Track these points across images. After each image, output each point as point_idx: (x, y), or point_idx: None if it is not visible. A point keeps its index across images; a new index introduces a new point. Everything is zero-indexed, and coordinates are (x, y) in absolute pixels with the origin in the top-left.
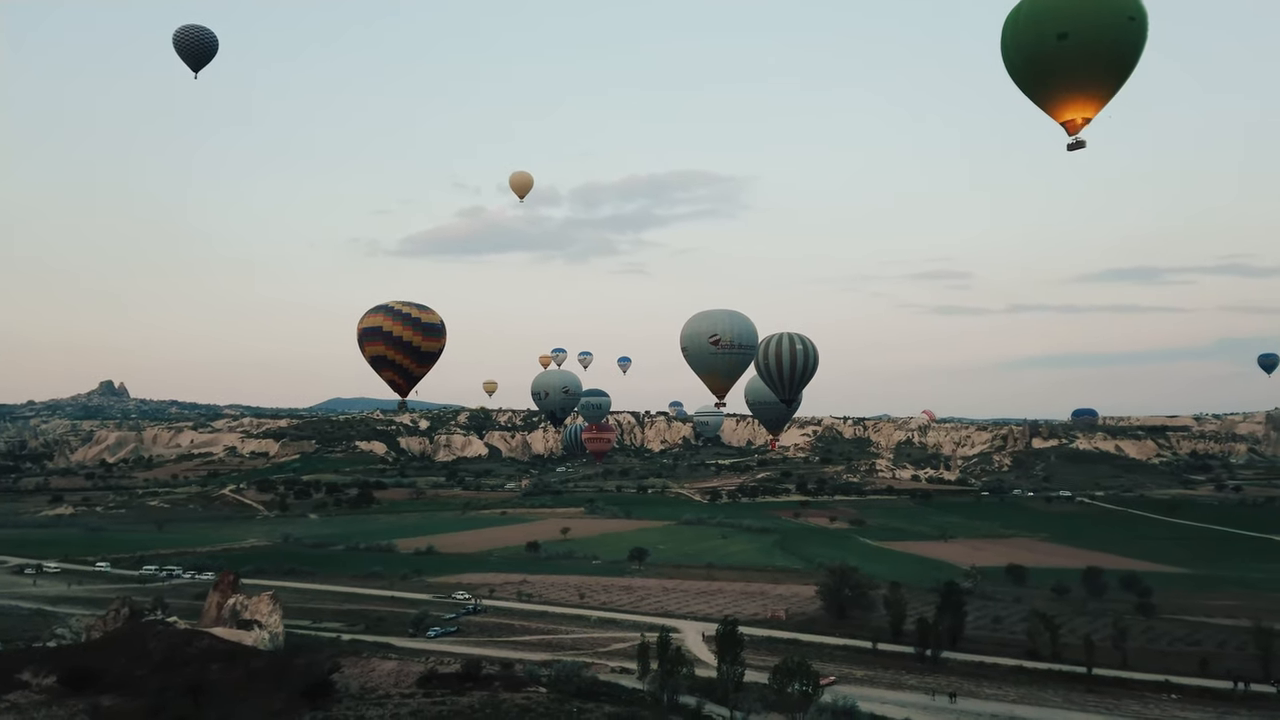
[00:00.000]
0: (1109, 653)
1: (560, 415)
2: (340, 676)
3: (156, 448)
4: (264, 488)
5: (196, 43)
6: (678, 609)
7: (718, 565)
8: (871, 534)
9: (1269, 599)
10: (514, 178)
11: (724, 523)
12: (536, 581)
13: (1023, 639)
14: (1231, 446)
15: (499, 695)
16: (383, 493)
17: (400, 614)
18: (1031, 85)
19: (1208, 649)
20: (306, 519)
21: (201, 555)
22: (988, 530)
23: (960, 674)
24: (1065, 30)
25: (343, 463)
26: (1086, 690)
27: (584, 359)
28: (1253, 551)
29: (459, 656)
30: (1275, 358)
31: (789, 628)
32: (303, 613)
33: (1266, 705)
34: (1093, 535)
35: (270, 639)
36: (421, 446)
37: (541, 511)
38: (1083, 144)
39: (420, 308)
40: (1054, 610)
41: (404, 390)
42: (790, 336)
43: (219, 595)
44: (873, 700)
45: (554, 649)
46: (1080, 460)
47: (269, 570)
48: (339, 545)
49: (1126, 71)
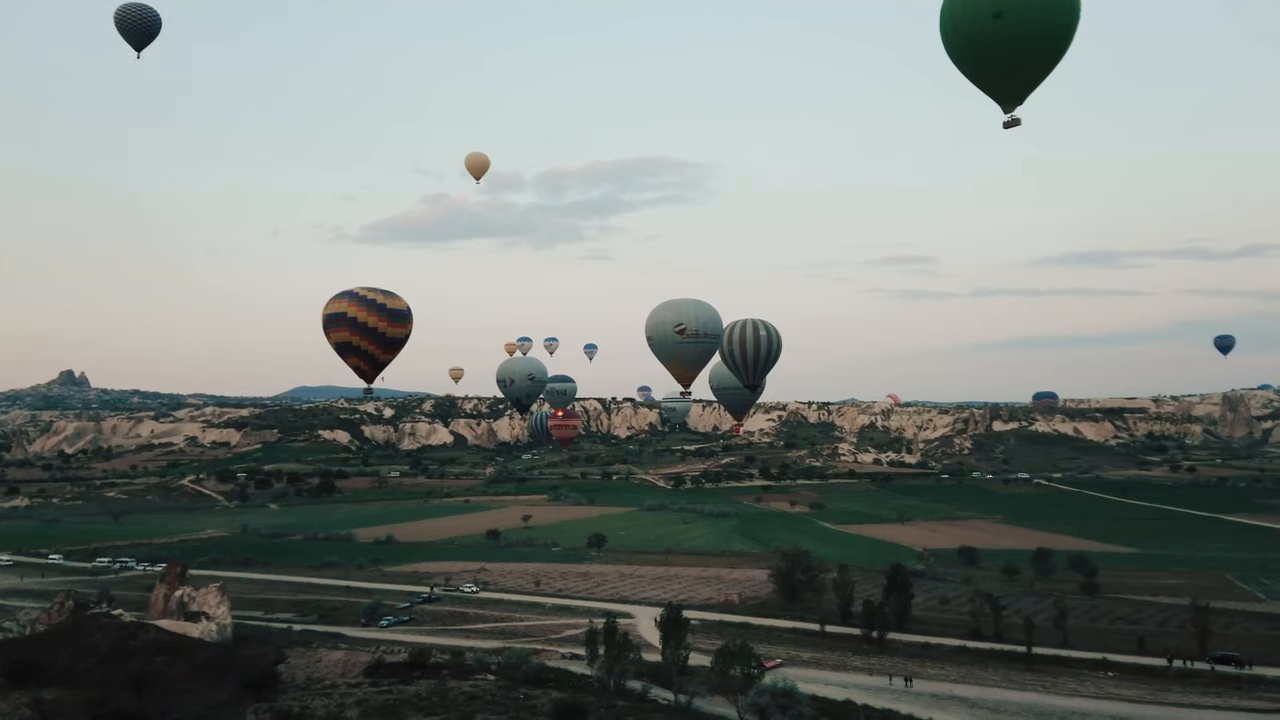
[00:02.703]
0: (1050, 632)
1: (526, 402)
2: (286, 667)
3: (116, 438)
4: (224, 478)
5: (139, 21)
6: (633, 594)
7: (676, 551)
8: (830, 517)
9: (1213, 578)
10: (470, 159)
11: (685, 508)
12: (495, 569)
13: (968, 620)
14: (1187, 428)
15: (446, 683)
16: (345, 482)
17: (355, 604)
18: (969, 64)
19: (1148, 627)
20: (266, 509)
21: (157, 547)
22: (945, 513)
23: (905, 655)
24: (1000, 9)
25: (305, 452)
26: (1025, 669)
27: (550, 345)
28: (1201, 531)
29: (409, 645)
30: (1231, 339)
31: (741, 611)
32: (256, 604)
33: (1199, 681)
34: (1046, 517)
35: (217, 630)
36: (386, 435)
37: (505, 499)
38: (1018, 121)
39: (386, 293)
40: (1003, 591)
41: (370, 376)
42: (754, 323)
43: (166, 587)
44: (817, 682)
45: (506, 636)
46: (1039, 442)
47: (225, 561)
48: (297, 535)
49: (1060, 50)
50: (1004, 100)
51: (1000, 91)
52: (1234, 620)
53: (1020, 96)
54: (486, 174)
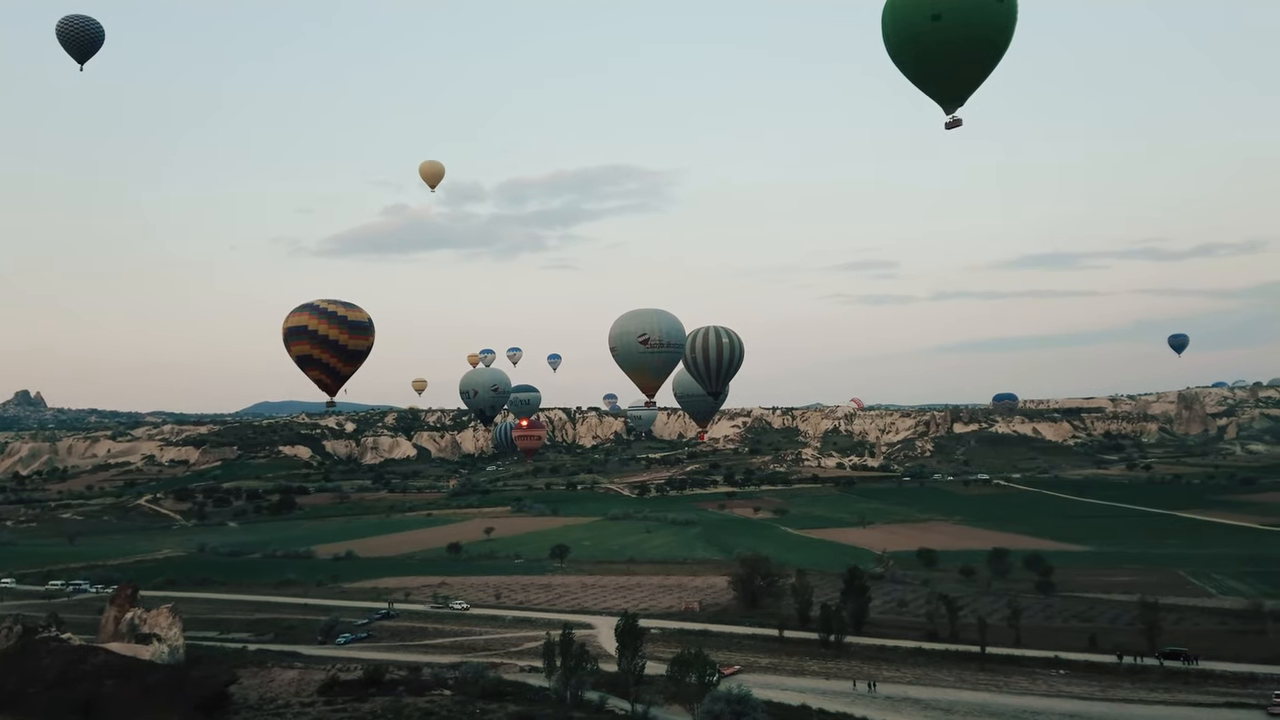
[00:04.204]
0: (1005, 631)
1: (490, 413)
2: (239, 688)
3: (72, 458)
4: (182, 496)
5: (81, 33)
6: (594, 605)
7: (639, 560)
8: (793, 522)
9: (1165, 574)
10: (424, 166)
11: (649, 517)
12: (456, 583)
13: (925, 621)
14: (1143, 426)
15: (402, 700)
16: (306, 498)
17: (312, 622)
18: (910, 66)
19: (1100, 625)
20: (225, 528)
21: (112, 568)
22: (905, 515)
23: (862, 658)
24: (939, 11)
25: (266, 469)
26: (979, 669)
27: (513, 355)
28: (1156, 529)
29: (365, 662)
30: (1185, 338)
31: (701, 619)
32: (211, 624)
33: (1148, 677)
34: (1005, 517)
35: (169, 652)
36: (348, 449)
37: (468, 512)
38: (959, 122)
39: (347, 305)
40: (960, 592)
41: (332, 390)
42: (716, 330)
43: (116, 609)
44: (774, 687)
45: (465, 651)
46: (999, 444)
47: (181, 581)
48: (256, 554)
49: (998, 51)
50: (945, 101)
51: (941, 93)
52: (1184, 616)
53: (961, 97)
54: (442, 182)
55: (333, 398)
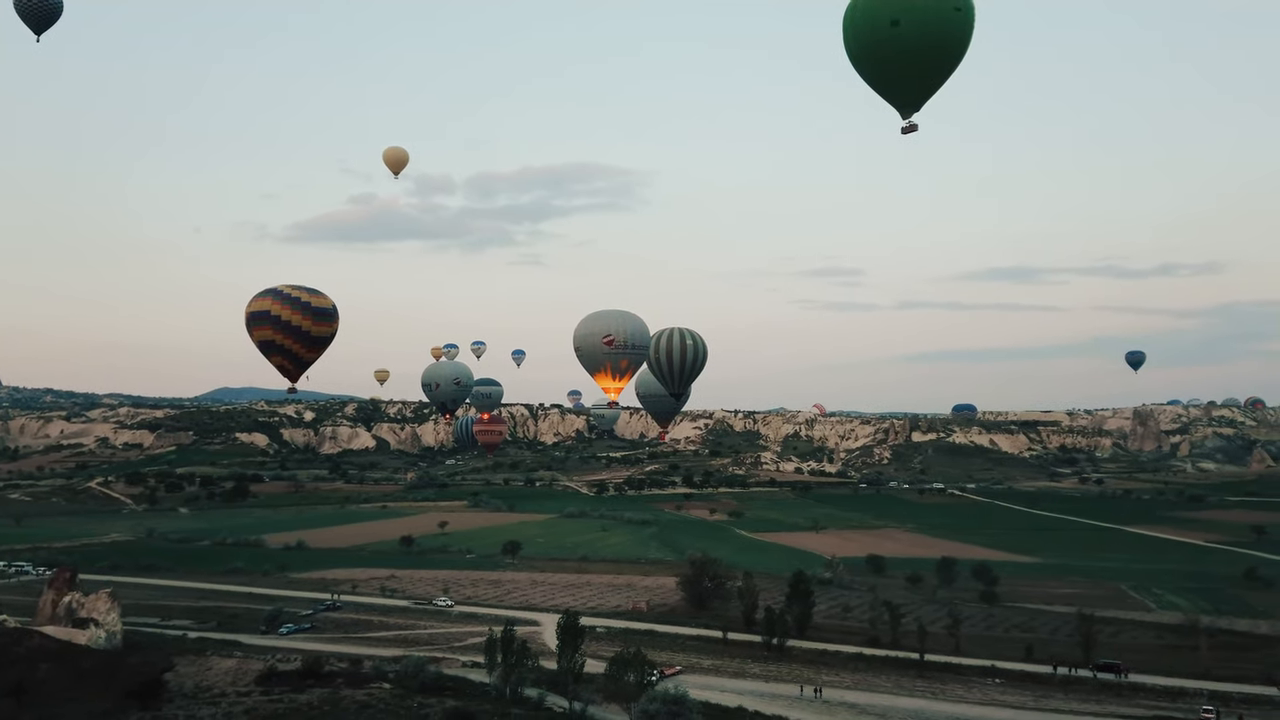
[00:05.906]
0: (945, 639)
1: (451, 406)
2: (174, 675)
3: (24, 438)
4: (133, 480)
5: (38, 5)
6: (542, 602)
7: (592, 559)
8: (748, 525)
9: (1108, 588)
10: (388, 153)
11: (606, 515)
12: (405, 576)
13: (867, 627)
14: (1098, 441)
15: (340, 692)
16: (260, 486)
17: (257, 611)
18: (869, 70)
19: (1039, 635)
20: (176, 513)
21: (57, 551)
22: (859, 521)
23: (803, 662)
24: (897, 17)
25: (221, 455)
26: (917, 675)
27: (477, 349)
28: (1103, 542)
29: (306, 654)
30: (1142, 355)
31: (648, 619)
32: (153, 610)
33: (1081, 689)
34: (956, 526)
35: (106, 638)
36: (306, 439)
37: (424, 505)
38: (915, 127)
39: (311, 291)
40: (905, 599)
41: (294, 376)
42: (680, 331)
43: (54, 592)
44: (713, 689)
45: (409, 644)
46: (956, 454)
47: (126, 566)
48: (205, 541)
49: (955, 58)
50: (902, 106)
51: (899, 98)
52: (1122, 629)
53: (918, 103)
54: (412, 173)
55: (294, 384)
